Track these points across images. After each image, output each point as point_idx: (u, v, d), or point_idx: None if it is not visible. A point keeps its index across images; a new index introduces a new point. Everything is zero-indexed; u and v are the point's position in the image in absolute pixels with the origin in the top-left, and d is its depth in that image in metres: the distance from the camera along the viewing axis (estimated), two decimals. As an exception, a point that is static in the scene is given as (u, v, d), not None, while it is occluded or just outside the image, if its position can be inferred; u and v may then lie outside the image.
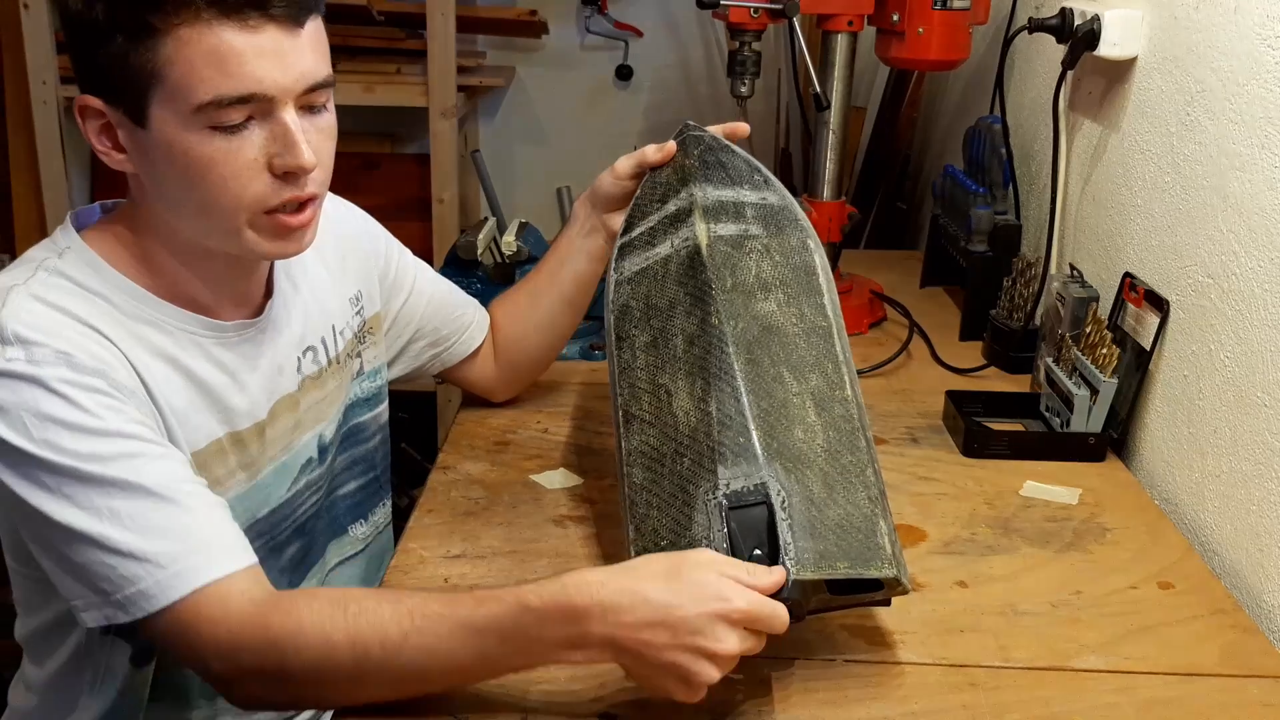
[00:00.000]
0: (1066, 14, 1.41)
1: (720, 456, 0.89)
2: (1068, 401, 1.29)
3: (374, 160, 2.43)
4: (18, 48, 2.20)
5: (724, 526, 0.86)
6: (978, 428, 1.29)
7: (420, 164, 2.36)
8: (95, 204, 0.97)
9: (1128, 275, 1.33)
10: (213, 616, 0.82)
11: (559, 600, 0.79)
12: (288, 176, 0.87)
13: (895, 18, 1.51)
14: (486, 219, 1.60)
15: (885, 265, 1.91)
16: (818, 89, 1.54)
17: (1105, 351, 1.26)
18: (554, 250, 1.27)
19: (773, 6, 1.48)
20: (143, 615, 0.82)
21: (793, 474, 0.88)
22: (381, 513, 1.24)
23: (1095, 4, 1.39)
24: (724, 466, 0.88)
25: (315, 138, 0.88)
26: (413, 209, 2.37)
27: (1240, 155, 1.12)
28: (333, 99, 0.92)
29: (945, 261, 1.78)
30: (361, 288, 1.15)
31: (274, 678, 0.82)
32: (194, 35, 0.81)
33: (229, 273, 0.97)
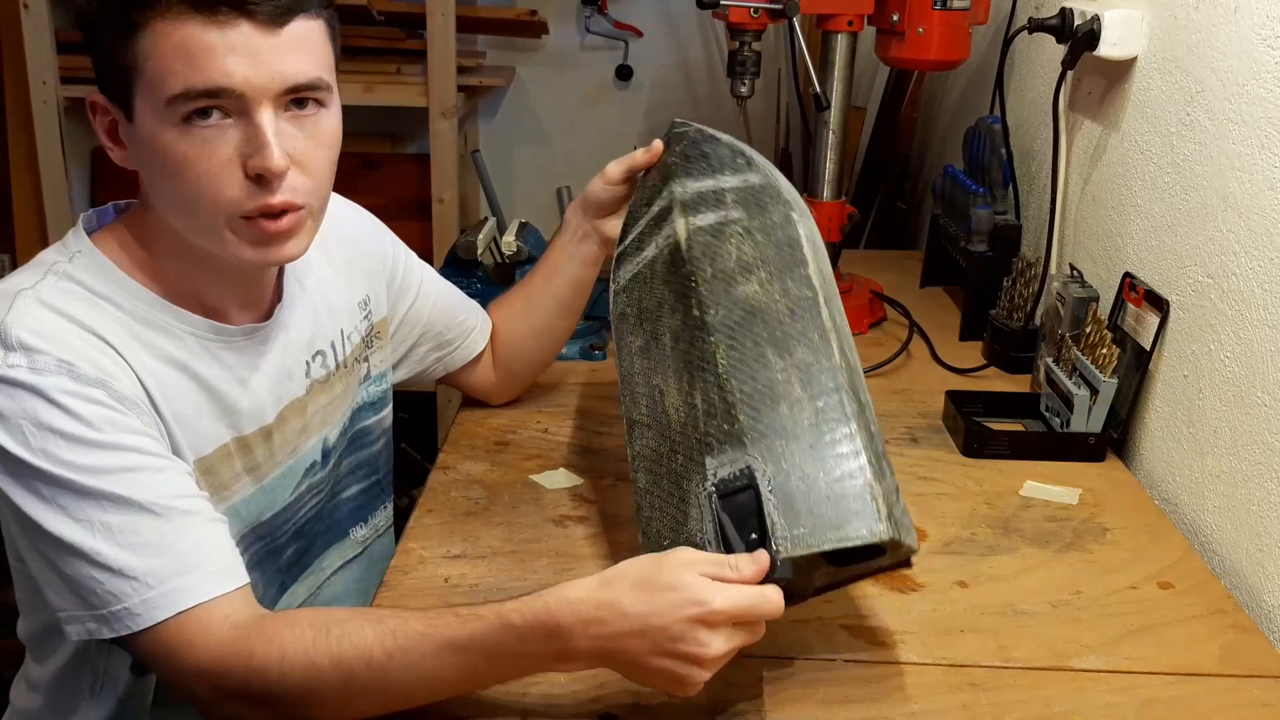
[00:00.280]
0: (1066, 14, 1.41)
1: (707, 447, 0.88)
2: (1068, 401, 1.29)
3: (374, 160, 2.43)
4: (18, 48, 2.20)
5: (715, 518, 0.85)
6: (978, 428, 1.29)
7: (420, 164, 2.35)
8: (109, 205, 0.97)
9: (1128, 275, 1.33)
10: (194, 641, 0.82)
11: (540, 618, 0.78)
12: (261, 180, 0.86)
13: (895, 18, 1.51)
14: (486, 219, 1.60)
15: (885, 265, 1.91)
16: (818, 89, 1.54)
17: (1105, 351, 1.26)
18: (547, 257, 1.27)
19: (773, 6, 1.48)
20: (126, 633, 0.82)
21: (779, 452, 0.86)
22: (383, 515, 1.24)
23: (1095, 4, 1.39)
24: (711, 456, 0.88)
25: (303, 144, 0.87)
26: (413, 209, 2.37)
27: (1240, 155, 1.12)
28: (335, 106, 0.90)
29: (945, 261, 1.78)
30: (369, 291, 1.15)
31: (260, 702, 0.82)
32: (168, 28, 0.82)
33: (236, 275, 0.96)
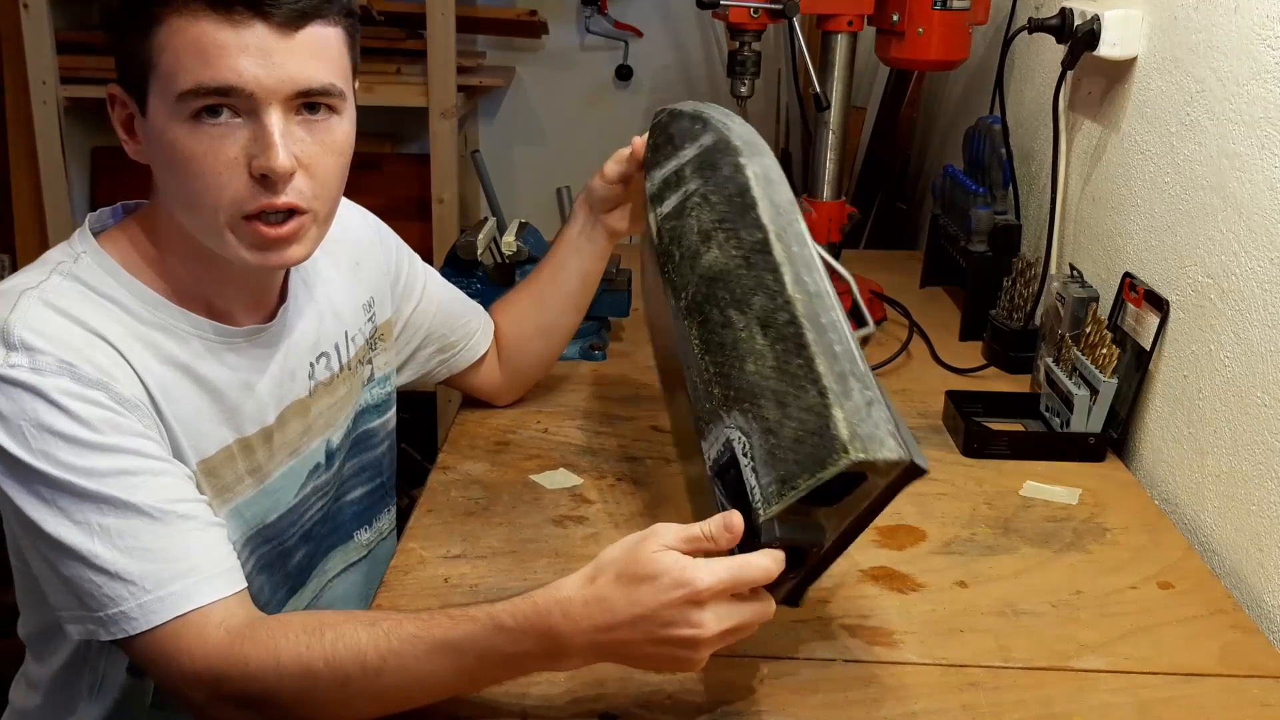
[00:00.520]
0: (1066, 14, 1.41)
1: (700, 433, 0.89)
2: (1068, 401, 1.29)
3: (374, 160, 2.43)
4: (18, 48, 2.20)
5: (719, 501, 0.84)
6: (978, 428, 1.29)
7: (420, 164, 2.35)
8: (119, 204, 0.97)
9: (1127, 275, 1.33)
10: (189, 646, 0.82)
11: (531, 619, 0.78)
12: (265, 180, 0.86)
13: (895, 18, 1.51)
14: (486, 219, 1.60)
15: (885, 265, 1.91)
16: (818, 89, 1.54)
17: (1105, 351, 1.26)
18: (554, 251, 1.27)
19: (773, 6, 1.48)
20: (122, 636, 0.83)
21: (749, 412, 0.84)
22: (386, 518, 1.25)
23: (1095, 4, 1.39)
24: (704, 440, 0.88)
25: (312, 148, 0.88)
26: (413, 209, 2.37)
27: (1240, 155, 1.12)
28: (349, 114, 0.91)
29: (945, 261, 1.78)
30: (374, 294, 1.15)
31: (256, 706, 0.82)
32: (184, 24, 0.83)
33: (242, 276, 0.96)
